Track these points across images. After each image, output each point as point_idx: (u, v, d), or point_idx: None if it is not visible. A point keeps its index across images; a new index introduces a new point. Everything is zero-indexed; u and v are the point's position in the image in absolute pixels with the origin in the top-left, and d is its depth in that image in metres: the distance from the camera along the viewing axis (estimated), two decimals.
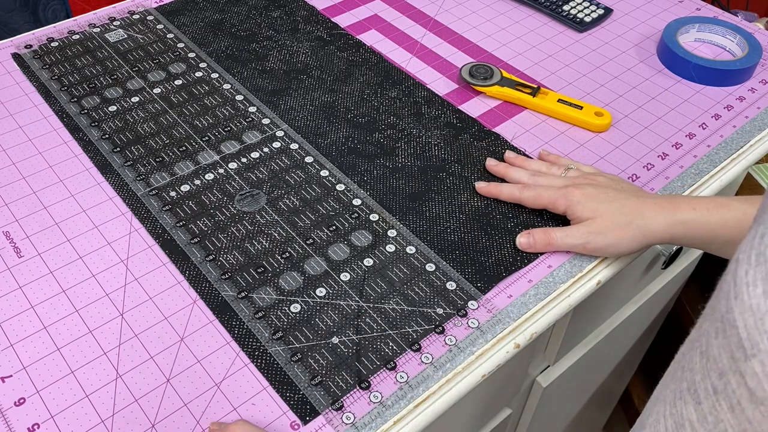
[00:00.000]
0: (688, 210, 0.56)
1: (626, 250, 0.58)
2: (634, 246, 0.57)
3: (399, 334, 0.53)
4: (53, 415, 0.48)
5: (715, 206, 0.56)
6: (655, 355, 1.21)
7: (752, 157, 0.70)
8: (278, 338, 0.53)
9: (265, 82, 0.77)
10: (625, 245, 0.57)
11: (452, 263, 0.59)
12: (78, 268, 0.58)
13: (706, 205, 0.56)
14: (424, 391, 0.50)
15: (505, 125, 0.73)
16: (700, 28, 0.84)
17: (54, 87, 0.75)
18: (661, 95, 0.77)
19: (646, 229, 0.56)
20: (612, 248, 0.58)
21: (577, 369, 0.83)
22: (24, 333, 0.53)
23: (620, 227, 0.57)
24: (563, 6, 0.89)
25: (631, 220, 0.57)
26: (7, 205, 0.62)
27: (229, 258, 0.59)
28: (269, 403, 0.50)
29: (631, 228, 0.56)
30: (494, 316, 0.55)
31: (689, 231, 0.56)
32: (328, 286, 0.57)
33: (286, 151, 0.69)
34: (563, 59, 0.82)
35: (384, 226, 0.62)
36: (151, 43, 0.81)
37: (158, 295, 0.56)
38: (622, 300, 0.84)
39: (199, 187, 0.65)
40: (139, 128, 0.70)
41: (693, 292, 1.11)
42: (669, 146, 0.71)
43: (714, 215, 0.55)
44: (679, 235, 0.56)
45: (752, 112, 0.75)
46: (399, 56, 0.82)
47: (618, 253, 0.58)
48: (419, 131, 0.72)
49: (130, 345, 0.53)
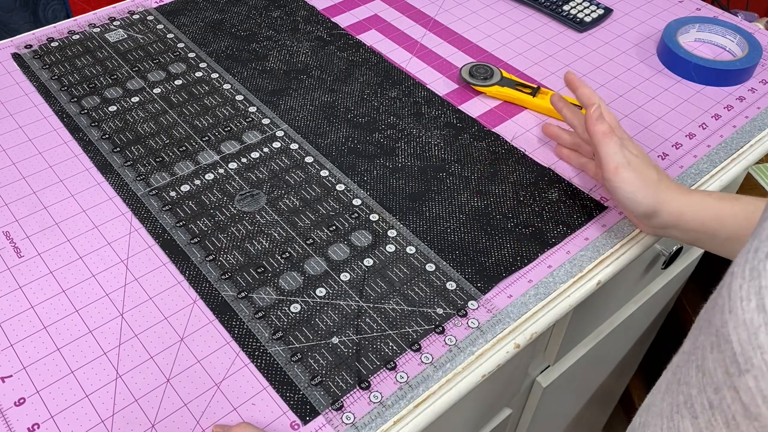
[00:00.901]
0: (701, 195, 0.57)
1: (639, 202, 0.57)
2: (645, 203, 0.57)
3: (399, 334, 0.53)
4: (53, 415, 0.48)
5: (728, 197, 0.56)
6: (655, 355, 1.21)
7: (752, 157, 0.70)
8: (278, 338, 0.53)
9: (265, 82, 0.77)
10: (641, 197, 0.57)
11: (452, 263, 0.59)
12: (78, 268, 0.58)
13: (719, 195, 0.57)
14: (424, 391, 0.50)
15: (505, 125, 0.73)
16: (700, 28, 0.84)
17: (54, 87, 0.75)
18: (661, 95, 0.77)
19: (662, 196, 0.57)
20: (631, 188, 0.57)
21: (577, 369, 0.83)
22: (24, 333, 0.53)
23: (646, 179, 0.57)
24: (563, 6, 0.89)
25: (656, 181, 0.57)
26: (7, 205, 0.62)
27: (229, 258, 0.59)
28: (269, 403, 0.50)
29: (652, 187, 0.57)
30: (494, 316, 0.55)
31: (698, 214, 0.56)
32: (328, 286, 0.57)
33: (286, 151, 0.69)
34: (563, 59, 0.82)
35: (384, 226, 0.62)
36: (151, 43, 0.81)
37: (158, 295, 0.56)
38: (622, 300, 0.84)
39: (199, 187, 0.65)
40: (139, 128, 0.70)
41: (693, 292, 1.11)
42: (669, 146, 0.71)
43: (725, 204, 0.56)
44: (688, 217, 0.56)
45: (752, 112, 0.75)
46: (399, 56, 0.82)
47: (630, 200, 0.57)
48: (419, 131, 0.72)
49: (130, 345, 0.53)
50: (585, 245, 0.61)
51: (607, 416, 1.29)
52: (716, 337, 0.26)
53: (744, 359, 0.24)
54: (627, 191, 0.57)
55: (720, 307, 0.26)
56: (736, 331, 0.24)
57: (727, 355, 0.25)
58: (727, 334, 0.25)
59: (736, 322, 0.24)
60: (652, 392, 0.33)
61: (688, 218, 0.56)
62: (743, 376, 0.24)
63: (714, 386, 0.25)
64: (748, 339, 0.24)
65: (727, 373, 0.25)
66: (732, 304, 0.25)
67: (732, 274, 0.26)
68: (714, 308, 0.27)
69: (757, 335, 0.23)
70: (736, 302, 0.25)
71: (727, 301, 0.25)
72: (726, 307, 0.25)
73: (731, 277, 0.26)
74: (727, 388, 0.25)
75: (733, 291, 0.25)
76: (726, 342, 0.25)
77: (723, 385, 0.25)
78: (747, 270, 0.25)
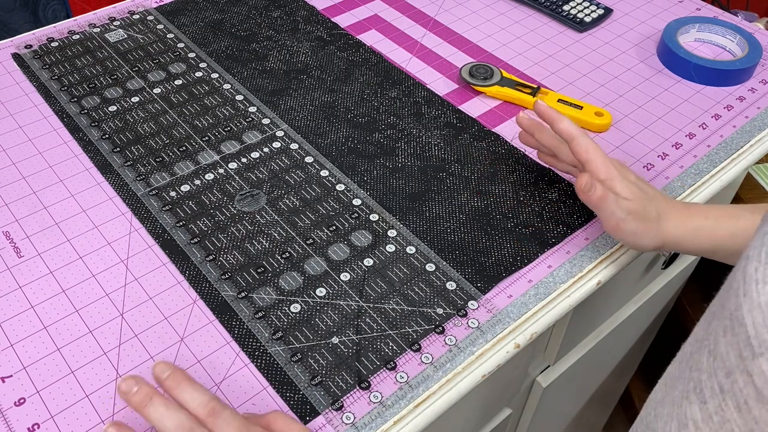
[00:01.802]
0: (700, 218, 0.56)
1: (644, 246, 0.57)
2: (650, 245, 0.56)
3: (399, 334, 0.53)
4: (53, 415, 0.48)
5: (726, 216, 0.55)
6: (655, 355, 1.21)
7: (752, 157, 0.70)
8: (278, 338, 0.53)
9: (265, 82, 0.77)
10: (645, 242, 0.56)
11: (452, 263, 0.59)
12: (78, 268, 0.58)
13: (717, 215, 0.56)
14: (424, 391, 0.50)
15: (505, 125, 0.73)
16: (700, 28, 0.84)
17: (54, 87, 0.75)
18: (661, 95, 0.77)
19: (664, 231, 0.56)
20: (634, 238, 0.56)
21: (577, 369, 0.83)
22: (24, 333, 0.53)
23: (647, 222, 0.56)
24: (563, 6, 0.89)
25: (657, 218, 0.56)
26: (7, 205, 0.62)
27: (229, 258, 0.59)
28: (269, 403, 0.50)
29: (653, 227, 0.56)
30: (494, 316, 0.55)
31: (696, 239, 0.56)
32: (328, 286, 0.57)
33: (286, 151, 0.69)
34: (563, 59, 0.82)
35: (384, 226, 0.62)
36: (151, 43, 0.81)
37: (158, 295, 0.56)
38: (622, 300, 0.84)
39: (199, 187, 0.65)
40: (139, 128, 0.70)
41: (693, 292, 1.11)
42: (669, 146, 0.71)
43: (723, 225, 0.55)
44: (687, 242, 0.56)
45: (752, 112, 0.75)
46: (399, 56, 0.82)
47: (636, 246, 0.57)
48: (419, 131, 0.72)
49: (130, 345, 0.53)
50: (585, 245, 0.61)
51: (607, 416, 1.28)
52: (730, 321, 0.25)
53: (758, 342, 0.23)
54: (631, 241, 0.57)
55: (735, 291, 0.26)
56: (750, 314, 0.24)
57: (741, 338, 0.24)
58: (741, 317, 0.25)
59: (750, 305, 0.24)
60: (660, 382, 0.33)
61: (688, 245, 0.56)
62: (757, 359, 0.23)
63: (726, 370, 0.25)
64: (763, 322, 0.23)
65: (740, 356, 0.24)
66: (747, 287, 0.25)
67: (747, 257, 0.26)
68: (729, 292, 0.26)
69: None
70: (751, 285, 0.24)
71: (742, 284, 0.25)
72: (741, 291, 0.25)
73: (746, 261, 0.26)
74: (739, 372, 0.24)
75: (748, 274, 0.25)
76: (740, 325, 0.25)
77: (735, 368, 0.25)
78: (763, 253, 0.24)
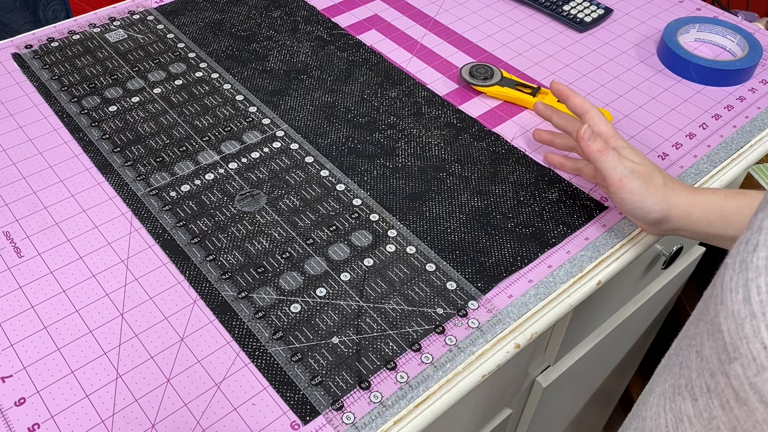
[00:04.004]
0: (707, 193, 0.57)
1: (649, 210, 0.56)
2: (656, 208, 0.56)
3: (399, 334, 0.53)
4: (53, 415, 0.48)
5: (732, 193, 0.56)
6: (655, 355, 1.21)
7: (752, 157, 0.70)
8: (278, 338, 0.53)
9: (265, 82, 0.77)
10: (650, 204, 0.56)
11: (452, 263, 0.59)
12: (78, 268, 0.58)
13: (724, 192, 0.57)
14: (424, 391, 0.50)
15: (505, 125, 0.73)
16: (700, 28, 0.84)
17: (54, 87, 0.75)
18: (661, 95, 0.77)
19: (671, 199, 0.56)
20: (639, 198, 0.56)
21: (577, 369, 0.83)
22: (24, 333, 0.53)
23: (652, 185, 0.56)
24: (563, 6, 0.89)
25: (662, 185, 0.56)
26: (7, 205, 0.62)
27: (229, 258, 0.59)
28: (269, 403, 0.50)
29: (660, 192, 0.56)
30: (494, 316, 0.55)
31: (704, 213, 0.56)
32: (328, 286, 0.57)
33: (286, 151, 0.69)
34: (563, 59, 0.82)
35: (384, 226, 0.62)
36: (151, 43, 0.81)
37: (158, 295, 0.56)
38: (622, 300, 0.84)
39: (199, 187, 0.65)
40: (139, 128, 0.70)
41: (693, 292, 1.12)
42: (669, 146, 0.71)
43: (730, 201, 0.56)
44: (695, 218, 0.56)
45: (752, 112, 0.75)
46: (399, 56, 0.82)
47: (640, 209, 0.57)
48: (419, 131, 0.72)
49: (131, 345, 0.53)
50: (585, 245, 0.61)
51: (607, 416, 1.29)
52: (711, 326, 0.27)
53: (733, 348, 0.25)
54: (635, 201, 0.56)
55: (714, 298, 0.27)
56: (726, 322, 0.25)
57: (719, 343, 0.26)
58: (719, 323, 0.26)
59: (726, 313, 0.25)
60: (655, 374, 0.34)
61: (696, 219, 0.56)
62: (732, 364, 0.25)
63: (710, 371, 0.27)
64: (735, 329, 0.25)
65: (719, 360, 0.26)
66: (723, 295, 0.26)
67: (726, 265, 0.27)
68: (710, 298, 0.28)
69: (743, 326, 0.24)
70: (726, 293, 0.26)
71: (719, 292, 0.26)
72: (718, 298, 0.26)
73: (725, 269, 0.27)
74: (720, 374, 0.26)
75: (724, 282, 0.26)
76: (718, 331, 0.26)
77: (717, 370, 0.26)
78: (737, 262, 0.26)
